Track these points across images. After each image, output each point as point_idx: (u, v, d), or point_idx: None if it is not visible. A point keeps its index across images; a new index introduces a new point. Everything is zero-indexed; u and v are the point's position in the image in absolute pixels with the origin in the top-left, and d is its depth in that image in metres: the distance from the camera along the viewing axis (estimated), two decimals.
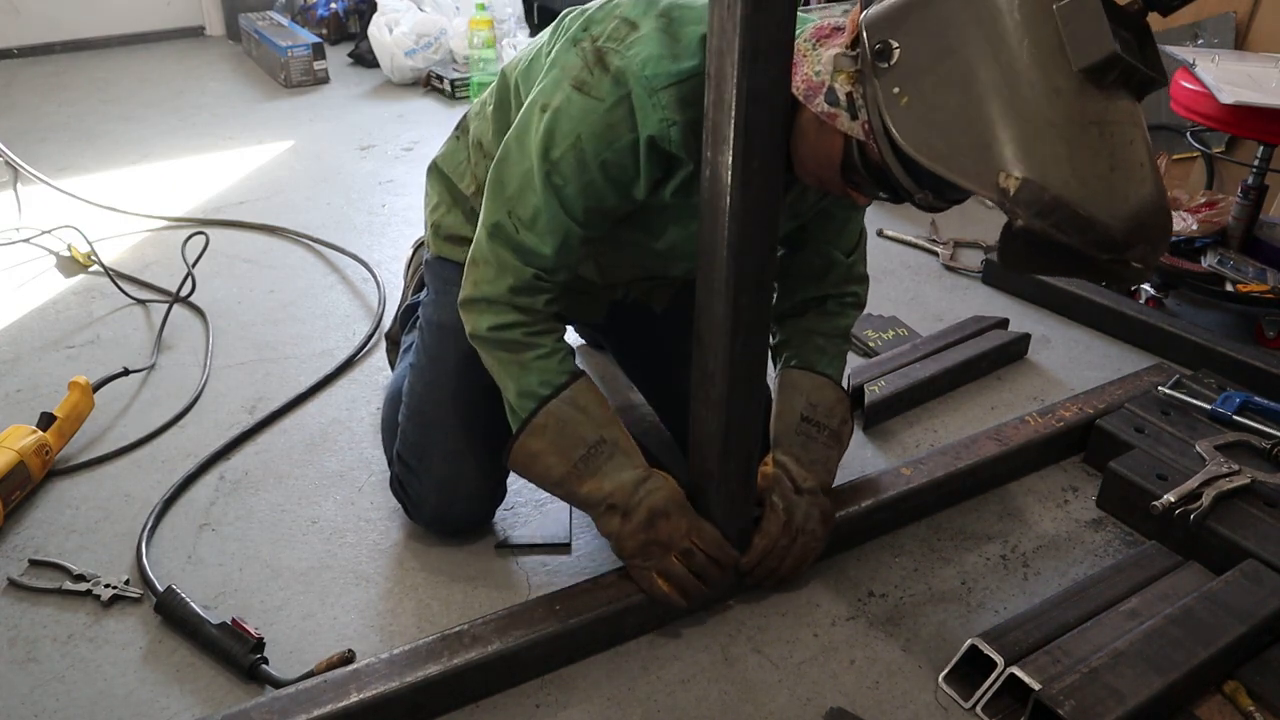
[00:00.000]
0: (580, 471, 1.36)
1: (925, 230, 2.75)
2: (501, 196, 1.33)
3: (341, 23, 4.48)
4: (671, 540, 1.35)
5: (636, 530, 1.35)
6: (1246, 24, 2.72)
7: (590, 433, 1.36)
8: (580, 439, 1.36)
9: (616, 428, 1.39)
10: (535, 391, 1.36)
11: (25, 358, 2.09)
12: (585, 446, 1.36)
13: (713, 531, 1.38)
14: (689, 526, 1.36)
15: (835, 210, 1.51)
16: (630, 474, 1.36)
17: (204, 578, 1.52)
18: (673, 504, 1.36)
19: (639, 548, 1.35)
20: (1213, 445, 1.68)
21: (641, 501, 1.34)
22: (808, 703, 1.34)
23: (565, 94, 1.26)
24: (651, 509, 1.34)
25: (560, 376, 1.37)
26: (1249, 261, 2.23)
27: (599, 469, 1.36)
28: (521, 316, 1.36)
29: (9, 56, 4.17)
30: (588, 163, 1.26)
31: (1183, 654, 1.30)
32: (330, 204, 2.85)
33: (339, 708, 1.21)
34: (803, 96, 1.17)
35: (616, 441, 1.37)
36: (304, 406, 1.94)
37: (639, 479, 1.36)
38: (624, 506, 1.35)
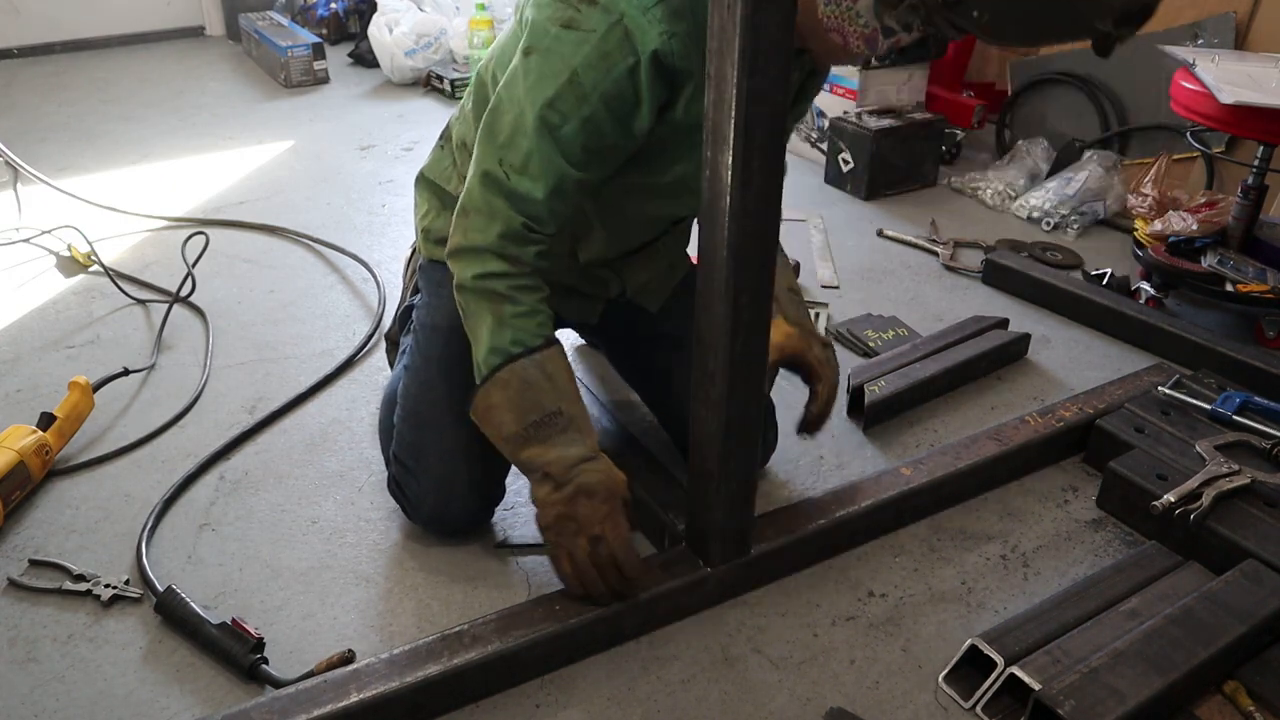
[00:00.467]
0: (529, 436, 1.35)
1: (925, 230, 2.75)
2: (493, 145, 1.32)
3: (341, 23, 4.48)
4: (586, 522, 1.33)
5: (558, 502, 1.33)
6: (1246, 24, 2.72)
7: (550, 401, 1.35)
8: (538, 404, 1.35)
9: (577, 405, 1.38)
10: (506, 349, 1.34)
11: (25, 358, 2.09)
12: (541, 413, 1.35)
13: (627, 533, 1.36)
14: (607, 514, 1.34)
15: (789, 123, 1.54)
16: (576, 451, 1.35)
17: (204, 578, 1.52)
18: (602, 488, 1.34)
19: (554, 520, 1.34)
20: (1213, 445, 1.68)
21: (574, 478, 1.33)
22: (808, 703, 1.34)
23: (553, 34, 1.25)
24: (580, 486, 1.33)
25: (535, 339, 1.35)
26: (1249, 261, 2.23)
27: (549, 438, 1.35)
28: (508, 267, 1.34)
29: (9, 56, 4.17)
30: (587, 95, 1.25)
31: (1183, 654, 1.30)
32: (330, 204, 2.85)
33: (339, 708, 1.21)
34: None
35: (573, 417, 1.36)
36: (304, 406, 1.94)
37: (582, 457, 1.34)
38: (557, 478, 1.34)
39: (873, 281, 2.49)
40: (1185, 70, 2.22)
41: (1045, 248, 2.63)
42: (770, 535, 1.51)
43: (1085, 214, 2.76)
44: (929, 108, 3.17)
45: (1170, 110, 2.30)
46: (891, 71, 3.09)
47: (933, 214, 2.85)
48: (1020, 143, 3.09)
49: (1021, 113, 3.28)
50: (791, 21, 1.08)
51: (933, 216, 2.83)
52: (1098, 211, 2.78)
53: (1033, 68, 3.23)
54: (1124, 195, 2.77)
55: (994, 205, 2.92)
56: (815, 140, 3.24)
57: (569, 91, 1.26)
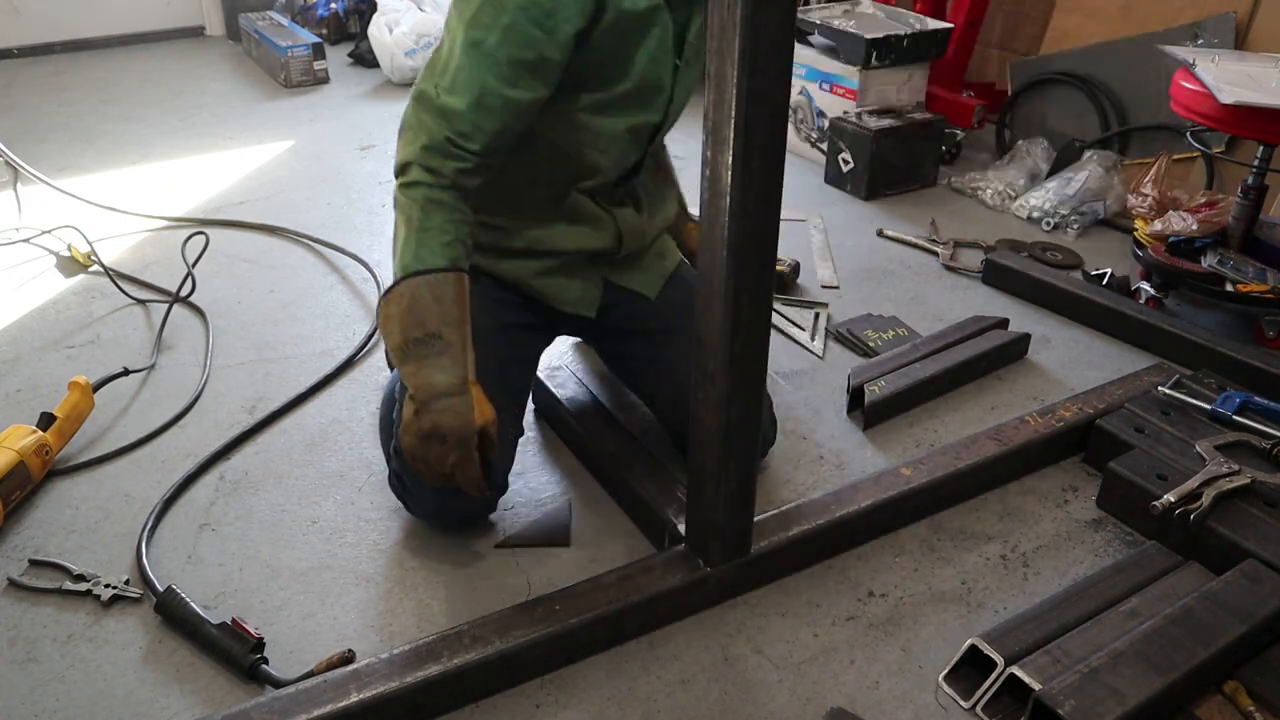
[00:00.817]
0: (408, 352, 1.40)
1: (925, 230, 2.75)
2: (430, 72, 1.41)
3: (341, 23, 4.48)
4: (436, 462, 1.41)
5: (416, 433, 1.40)
6: (1246, 24, 2.72)
7: (432, 323, 1.39)
8: (421, 323, 1.39)
9: (457, 332, 1.40)
10: (410, 265, 1.39)
11: (25, 358, 2.09)
12: (423, 332, 1.39)
13: (474, 475, 1.42)
14: (457, 459, 1.40)
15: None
16: (442, 379, 1.38)
17: (204, 578, 1.52)
18: (455, 433, 1.38)
19: (408, 450, 1.42)
20: (1213, 445, 1.68)
21: (432, 412, 1.38)
22: (808, 703, 1.34)
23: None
24: (435, 426, 1.38)
25: (436, 260, 1.39)
26: (1249, 261, 2.23)
27: (424, 358, 1.39)
28: (429, 178, 1.39)
29: (9, 56, 4.17)
30: (504, 5, 1.31)
31: (1183, 654, 1.30)
32: (330, 204, 2.85)
33: (339, 708, 1.21)
34: None
35: (450, 343, 1.39)
36: (304, 406, 1.94)
37: (448, 389, 1.38)
38: (419, 404, 1.39)
39: (873, 281, 2.49)
40: (1185, 70, 2.22)
41: (1045, 248, 2.63)
42: (770, 535, 1.51)
43: (1085, 214, 2.76)
44: (929, 108, 3.17)
45: (1170, 110, 2.30)
46: (891, 71, 3.09)
47: (933, 214, 2.85)
48: (1020, 143, 3.09)
49: (1021, 113, 3.28)
50: (792, 21, 1.08)
51: (933, 216, 2.83)
52: (1098, 211, 2.78)
53: (1033, 68, 3.23)
54: (1124, 195, 2.77)
55: (994, 205, 2.92)
56: (815, 140, 3.25)
57: (487, 4, 1.32)
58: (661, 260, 1.75)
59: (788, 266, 2.40)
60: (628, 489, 1.63)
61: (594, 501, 1.70)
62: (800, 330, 2.23)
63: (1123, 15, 2.99)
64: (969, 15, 3.23)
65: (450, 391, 1.38)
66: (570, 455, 1.81)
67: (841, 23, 3.15)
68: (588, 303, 1.68)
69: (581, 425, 1.76)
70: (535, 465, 1.79)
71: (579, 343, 2.11)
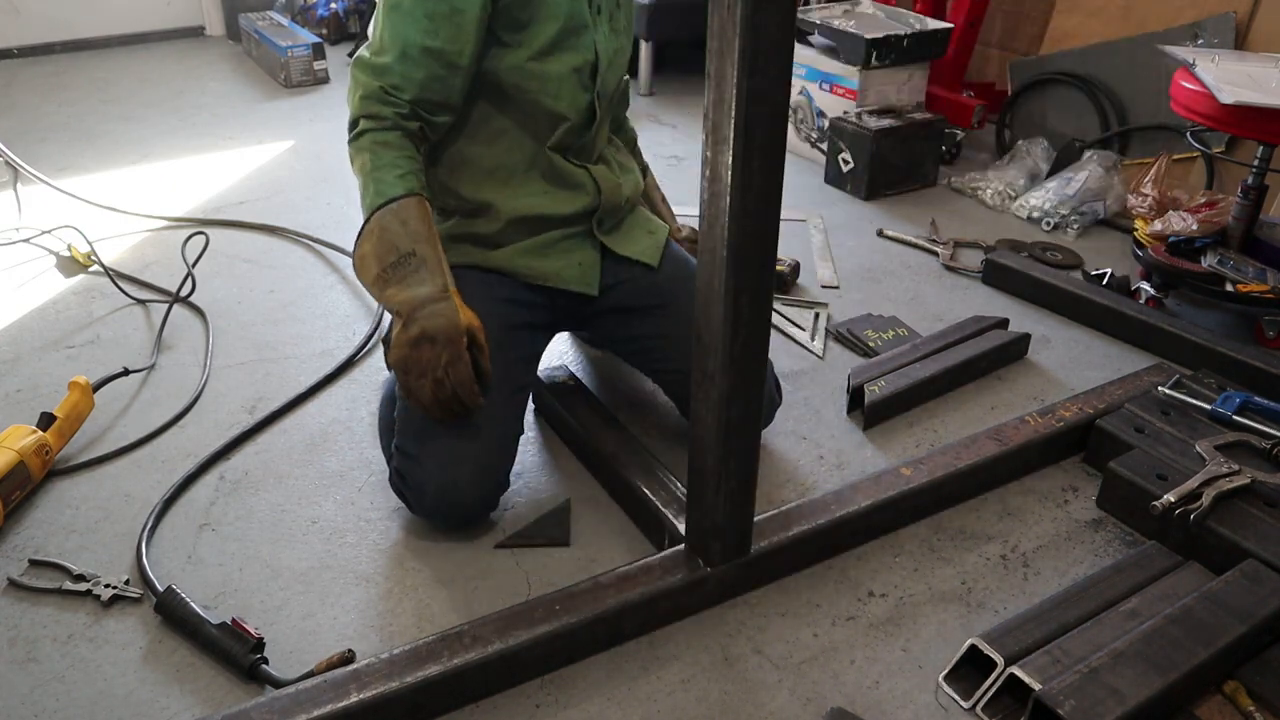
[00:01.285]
0: (388, 277, 1.47)
1: (925, 230, 2.75)
2: (366, 46, 1.56)
3: (341, 23, 4.48)
4: (428, 366, 1.44)
5: (403, 344, 1.45)
6: (1246, 24, 2.72)
7: (404, 244, 1.47)
8: (394, 247, 1.47)
9: (429, 247, 1.48)
10: (372, 202, 1.49)
11: (25, 358, 2.09)
12: (396, 255, 1.46)
13: (466, 374, 1.46)
14: (448, 359, 1.44)
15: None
16: (424, 290, 1.45)
17: (204, 578, 1.52)
18: (443, 334, 1.43)
19: (400, 361, 1.46)
20: (1213, 445, 1.68)
21: (419, 320, 1.43)
22: (808, 703, 1.34)
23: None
24: (424, 330, 1.43)
25: (394, 189, 1.48)
26: (1249, 261, 2.23)
27: (404, 278, 1.46)
28: (371, 124, 1.51)
29: (9, 56, 4.17)
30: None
31: (1183, 654, 1.30)
32: (330, 204, 2.85)
33: (339, 708, 1.21)
34: None
35: (425, 258, 1.47)
36: (304, 406, 1.94)
37: (430, 297, 1.44)
38: (406, 318, 1.44)
39: (873, 281, 2.49)
40: (1185, 70, 2.22)
41: (1045, 248, 2.63)
42: (770, 535, 1.51)
43: (1085, 214, 2.76)
44: (929, 108, 3.17)
45: (1170, 110, 2.30)
46: (891, 71, 3.09)
47: (933, 214, 2.85)
48: (1020, 143, 3.09)
49: (1021, 113, 3.28)
50: (792, 21, 1.08)
51: (933, 216, 2.83)
52: (1098, 211, 2.78)
53: (1033, 68, 3.23)
54: (1124, 195, 2.77)
55: (994, 205, 2.92)
56: (815, 140, 3.25)
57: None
58: (652, 234, 1.80)
59: (788, 266, 2.41)
60: (628, 489, 1.63)
61: (594, 501, 1.70)
62: (800, 330, 2.23)
63: (1123, 15, 2.99)
64: (969, 15, 3.24)
65: (434, 299, 1.44)
66: (570, 455, 1.81)
67: (841, 23, 3.15)
68: (589, 279, 1.70)
69: (581, 425, 1.76)
70: (535, 465, 1.79)
71: (579, 342, 2.11)
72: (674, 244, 1.85)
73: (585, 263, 1.70)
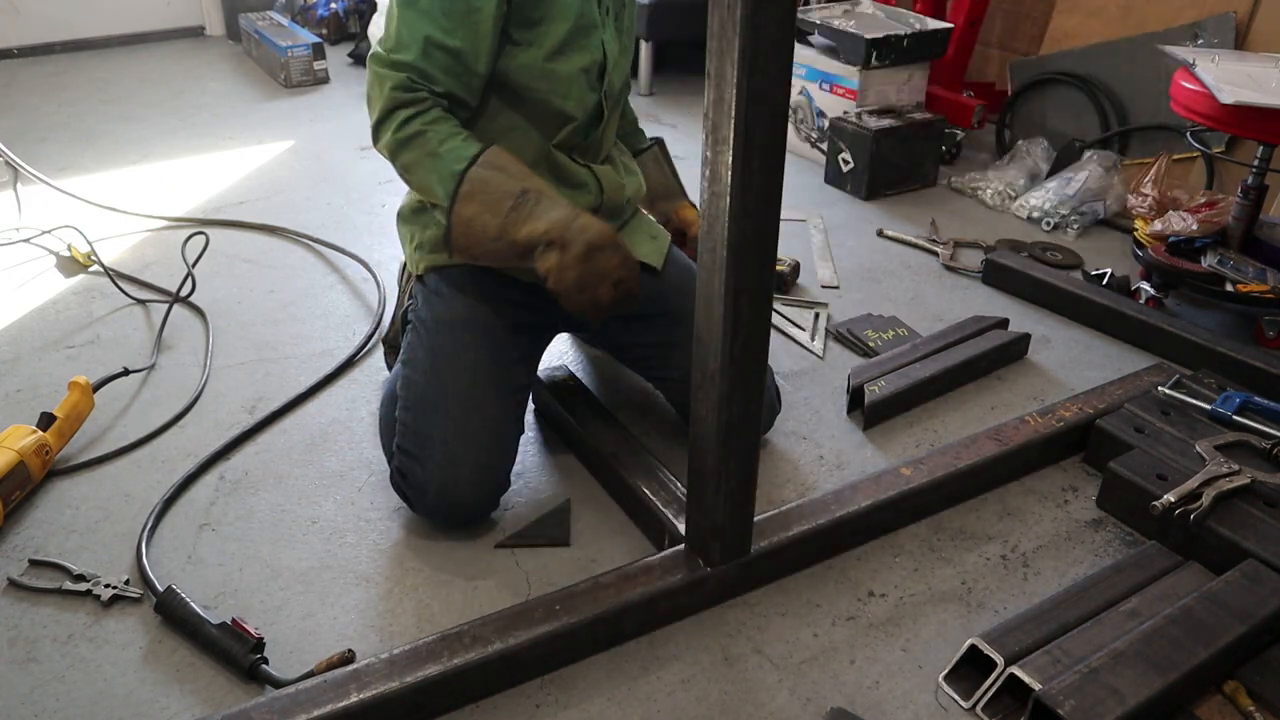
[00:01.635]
0: (514, 220, 1.44)
1: (925, 230, 2.75)
2: (381, 45, 1.51)
3: (341, 23, 4.48)
4: (607, 272, 1.44)
5: (575, 262, 1.42)
6: (1246, 24, 2.72)
7: (513, 185, 1.45)
8: (506, 193, 1.44)
9: (536, 179, 1.48)
10: (453, 170, 1.44)
11: (25, 358, 2.09)
12: (512, 198, 1.44)
13: (638, 263, 1.50)
14: (621, 260, 1.45)
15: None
16: (561, 212, 1.44)
17: (204, 578, 1.52)
18: (606, 239, 1.44)
19: (576, 279, 1.43)
20: (1213, 445, 1.68)
21: (577, 235, 1.42)
22: (808, 703, 1.34)
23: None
24: (589, 243, 1.42)
25: (471, 148, 1.45)
26: (1249, 261, 2.23)
27: (531, 213, 1.44)
28: (411, 110, 1.46)
29: (9, 56, 4.17)
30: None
31: (1183, 654, 1.30)
32: (330, 204, 2.85)
33: (339, 708, 1.21)
34: None
35: (540, 189, 1.46)
36: (304, 406, 1.94)
37: (572, 215, 1.44)
38: (561, 240, 1.42)
39: (873, 281, 2.49)
40: (1185, 70, 2.22)
41: (1045, 248, 2.63)
42: (770, 535, 1.51)
43: (1085, 214, 2.76)
44: (929, 108, 3.17)
45: (1170, 110, 2.30)
46: (891, 71, 3.09)
47: (933, 214, 2.85)
48: (1020, 143, 3.09)
49: (1021, 113, 3.28)
50: (792, 21, 1.08)
51: (933, 216, 2.83)
52: (1098, 211, 2.78)
53: (1033, 68, 3.23)
54: (1124, 195, 2.77)
55: (994, 205, 2.92)
56: (815, 140, 3.25)
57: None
58: (654, 239, 1.79)
59: (788, 266, 2.41)
60: (628, 489, 1.63)
61: (594, 501, 1.70)
62: (800, 330, 2.23)
63: (1123, 15, 2.99)
64: (969, 15, 3.24)
65: (576, 215, 1.44)
66: (570, 455, 1.81)
67: (841, 23, 3.15)
68: None
69: (581, 425, 1.76)
70: (535, 465, 1.79)
71: (579, 342, 2.11)
72: (676, 250, 1.84)
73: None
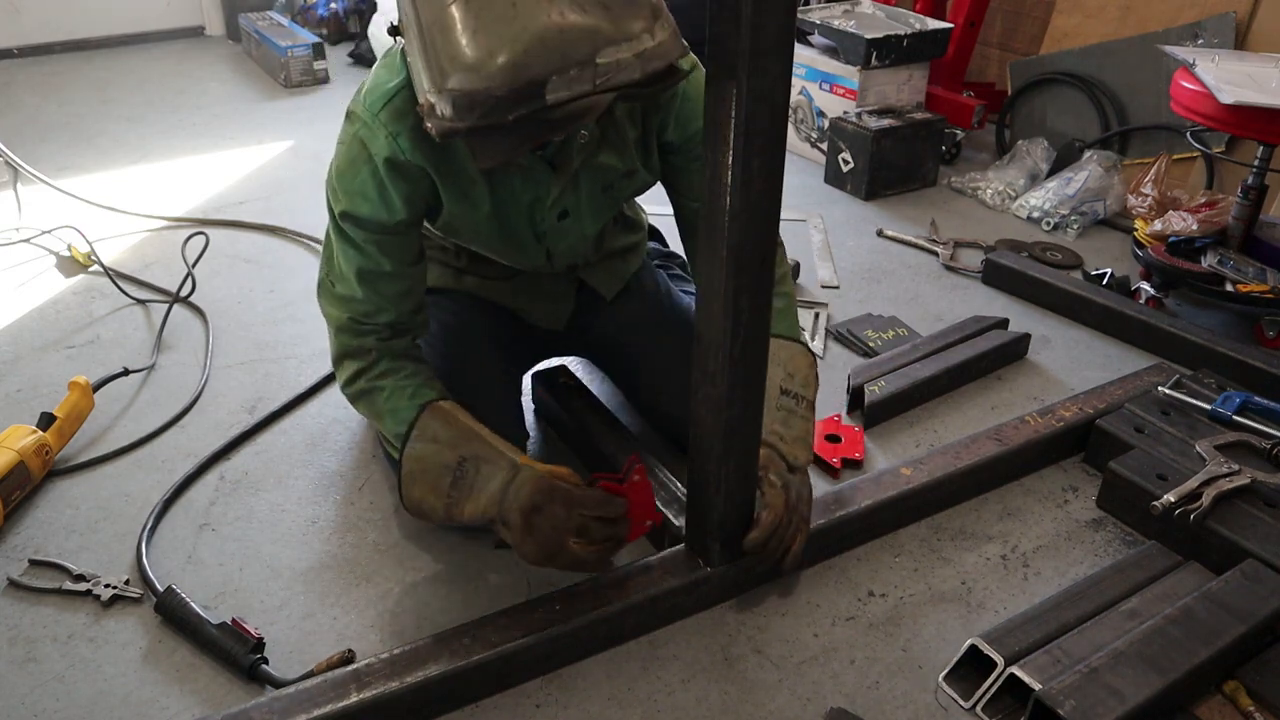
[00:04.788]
0: (456, 500, 1.34)
1: (925, 230, 2.75)
2: (323, 257, 1.47)
3: (341, 23, 4.48)
4: (558, 530, 1.30)
5: (522, 536, 1.30)
6: (1246, 24, 2.72)
7: (449, 458, 1.34)
8: (443, 467, 1.35)
9: (475, 441, 1.36)
10: (396, 437, 1.38)
11: (25, 358, 2.09)
12: (449, 473, 1.34)
13: (591, 495, 1.32)
14: (566, 508, 1.29)
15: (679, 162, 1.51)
16: (497, 481, 1.32)
17: (204, 578, 1.52)
18: (540, 495, 1.29)
19: (536, 551, 1.31)
20: (1213, 445, 1.68)
21: (511, 504, 1.30)
22: (808, 703, 1.34)
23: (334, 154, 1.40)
24: (522, 510, 1.29)
25: (410, 411, 1.38)
26: (1249, 261, 2.23)
27: (471, 487, 1.34)
28: (358, 364, 1.44)
29: (9, 56, 4.17)
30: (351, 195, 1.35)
31: (1183, 654, 1.30)
32: None
33: (339, 708, 1.21)
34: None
35: (478, 454, 1.35)
36: (304, 406, 1.94)
37: (504, 484, 1.32)
38: (501, 517, 1.32)
39: (873, 281, 2.49)
40: (1185, 70, 2.22)
41: (1045, 248, 2.63)
42: None
43: (1085, 214, 2.76)
44: (929, 108, 3.17)
45: (1170, 110, 2.30)
46: (891, 71, 3.09)
47: (933, 214, 2.85)
48: (1020, 143, 3.09)
49: (1021, 113, 3.28)
50: (792, 21, 1.08)
51: (933, 216, 2.83)
52: (1098, 211, 2.78)
53: (1033, 68, 3.23)
54: (1124, 195, 2.77)
55: (994, 205, 2.92)
56: (815, 140, 3.25)
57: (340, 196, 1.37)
58: (625, 263, 1.74)
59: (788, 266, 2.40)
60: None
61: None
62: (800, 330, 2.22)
63: (1123, 15, 2.99)
64: (969, 15, 3.24)
65: (507, 482, 1.32)
66: (570, 455, 1.81)
67: (841, 23, 3.15)
68: (556, 317, 1.72)
69: (581, 425, 1.76)
70: None
71: None
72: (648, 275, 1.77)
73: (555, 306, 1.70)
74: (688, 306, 1.74)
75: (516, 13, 1.01)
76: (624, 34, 1.04)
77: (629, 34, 1.04)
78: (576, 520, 1.30)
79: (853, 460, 1.78)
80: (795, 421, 1.48)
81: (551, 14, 1.01)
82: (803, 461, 1.46)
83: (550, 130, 1.09)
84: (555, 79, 1.02)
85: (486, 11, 1.02)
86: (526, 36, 1.01)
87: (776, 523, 1.39)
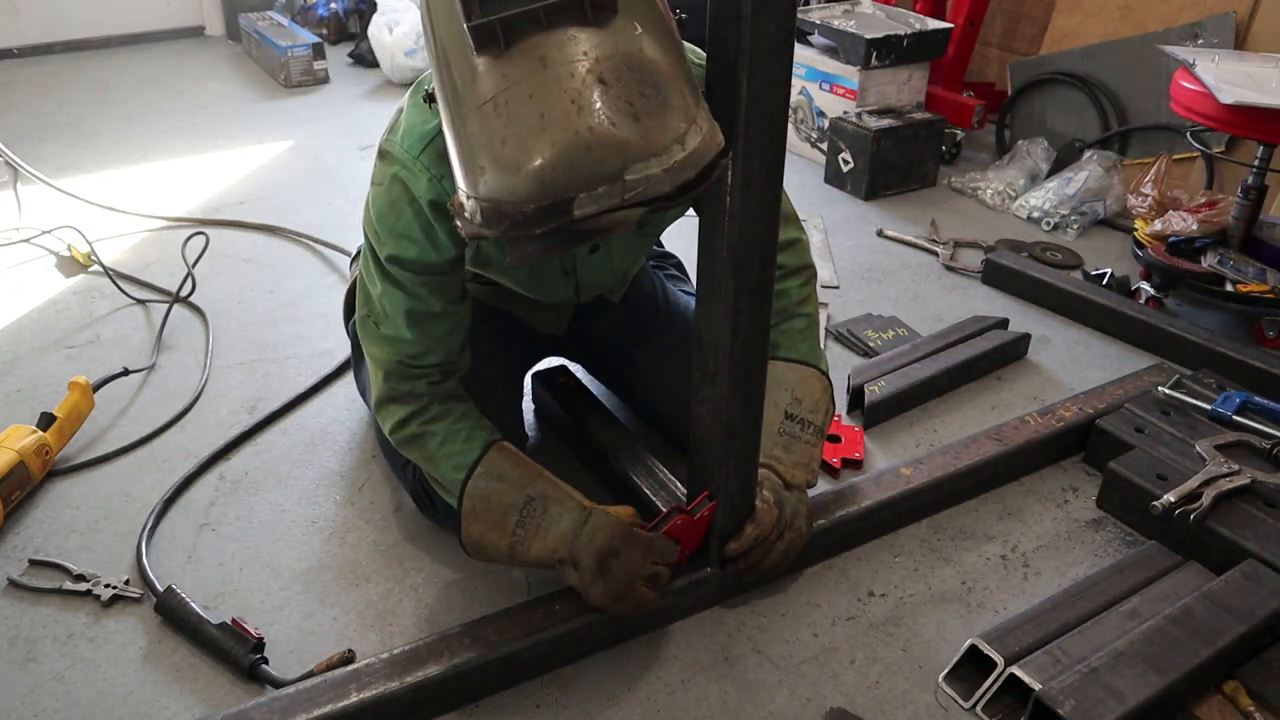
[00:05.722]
0: (522, 538, 1.34)
1: (925, 230, 2.75)
2: (363, 294, 1.42)
3: (341, 23, 4.48)
4: (631, 575, 1.30)
5: (593, 579, 1.30)
6: (1246, 24, 2.72)
7: (516, 497, 1.34)
8: (509, 506, 1.34)
9: (541, 480, 1.36)
10: (453, 479, 1.37)
11: (25, 358, 2.09)
12: (516, 512, 1.34)
13: (665, 544, 1.33)
14: (642, 554, 1.31)
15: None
16: (567, 521, 1.32)
17: (204, 578, 1.52)
18: (618, 539, 1.30)
19: (604, 594, 1.31)
20: (1213, 445, 1.68)
21: (586, 547, 1.30)
22: (808, 703, 1.34)
23: (370, 193, 1.35)
24: (598, 552, 1.29)
25: (469, 455, 1.37)
26: (1249, 261, 2.22)
27: (538, 527, 1.33)
28: (408, 409, 1.40)
29: (9, 56, 4.17)
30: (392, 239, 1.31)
31: (1183, 654, 1.30)
32: (330, 204, 2.85)
33: (339, 708, 1.21)
34: None
35: (545, 494, 1.35)
36: (304, 406, 1.94)
37: (577, 525, 1.32)
38: (571, 557, 1.31)
39: (873, 281, 2.49)
40: (1185, 70, 2.22)
41: (1045, 248, 2.63)
42: None
43: (1085, 214, 2.76)
44: (929, 108, 3.17)
45: (1170, 110, 2.30)
46: (891, 71, 3.09)
47: (933, 214, 2.85)
48: (1020, 143, 3.09)
49: (1021, 113, 3.28)
50: (792, 21, 1.08)
51: (933, 216, 2.83)
52: (1098, 211, 2.78)
53: (1033, 68, 3.23)
54: (1124, 195, 2.77)
55: (994, 205, 2.92)
56: (815, 140, 3.24)
57: (384, 240, 1.33)
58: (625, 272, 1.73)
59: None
60: (628, 488, 1.63)
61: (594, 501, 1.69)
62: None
63: (1123, 15, 2.99)
64: (969, 15, 3.23)
65: (580, 523, 1.32)
66: (570, 455, 1.81)
67: (841, 23, 3.15)
68: (558, 323, 1.71)
69: (581, 425, 1.76)
70: None
71: None
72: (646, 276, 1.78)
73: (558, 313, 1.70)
74: (685, 306, 1.74)
75: (545, 124, 0.97)
76: (653, 148, 0.99)
77: (658, 148, 0.99)
78: (650, 568, 1.32)
79: (853, 460, 1.79)
80: (798, 447, 1.48)
81: (579, 126, 0.97)
82: (801, 481, 1.46)
83: (580, 239, 1.06)
84: (583, 195, 0.99)
85: (516, 121, 0.98)
86: (552, 154, 0.97)
87: (759, 537, 1.40)
